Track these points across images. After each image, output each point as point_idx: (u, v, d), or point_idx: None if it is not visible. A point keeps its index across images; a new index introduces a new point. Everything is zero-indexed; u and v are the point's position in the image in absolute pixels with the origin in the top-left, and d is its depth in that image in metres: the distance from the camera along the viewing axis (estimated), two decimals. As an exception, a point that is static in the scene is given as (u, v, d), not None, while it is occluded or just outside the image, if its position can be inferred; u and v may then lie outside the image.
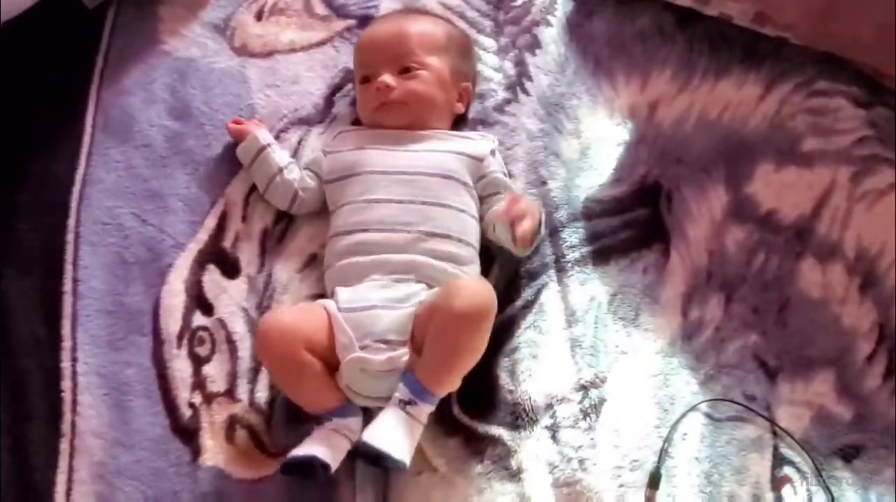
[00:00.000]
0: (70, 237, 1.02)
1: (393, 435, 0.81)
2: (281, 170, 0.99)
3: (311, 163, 1.01)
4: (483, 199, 0.97)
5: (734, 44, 1.10)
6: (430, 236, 0.91)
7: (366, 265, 0.90)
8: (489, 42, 1.13)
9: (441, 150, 0.96)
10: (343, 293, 0.89)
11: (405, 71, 0.97)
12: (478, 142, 1.00)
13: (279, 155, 1.01)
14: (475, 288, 0.85)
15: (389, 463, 0.80)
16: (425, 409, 0.83)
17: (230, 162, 1.05)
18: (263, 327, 0.87)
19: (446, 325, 0.82)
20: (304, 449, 0.83)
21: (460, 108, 1.02)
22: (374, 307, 0.87)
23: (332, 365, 0.87)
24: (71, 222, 1.03)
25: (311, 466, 0.82)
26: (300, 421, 0.91)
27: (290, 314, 0.90)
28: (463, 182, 0.95)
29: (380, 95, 0.97)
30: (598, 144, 1.06)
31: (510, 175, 1.03)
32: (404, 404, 0.82)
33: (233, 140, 1.04)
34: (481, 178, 0.97)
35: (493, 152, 0.99)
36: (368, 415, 0.87)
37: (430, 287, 0.89)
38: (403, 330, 0.86)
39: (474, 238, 0.94)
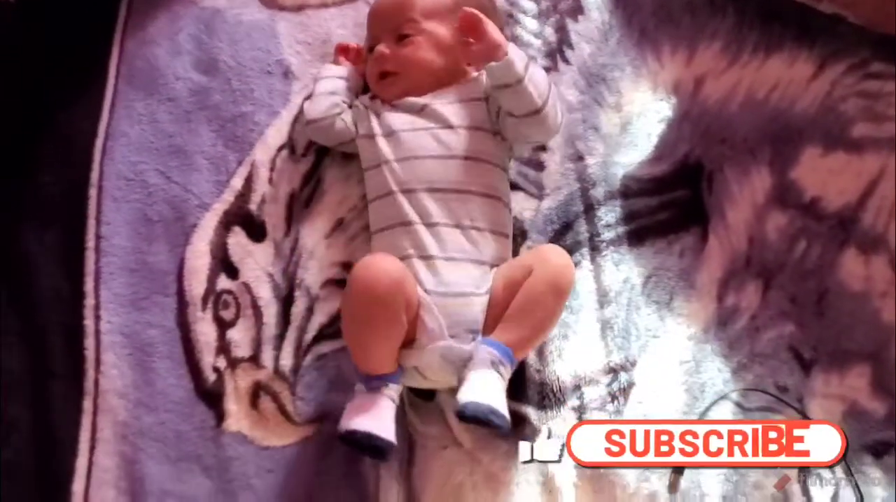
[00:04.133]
0: (93, 192, 0.99)
1: (494, 394, 0.79)
2: (343, 102, 0.97)
3: (354, 108, 0.97)
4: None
5: (788, 19, 1.05)
6: (473, 195, 0.88)
7: (426, 240, 0.86)
8: (529, 5, 1.08)
9: (465, 100, 0.92)
10: (422, 271, 0.85)
11: (402, 38, 0.93)
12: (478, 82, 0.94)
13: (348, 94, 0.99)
14: (565, 259, 0.85)
15: (497, 419, 0.78)
16: (507, 373, 0.82)
17: (257, 121, 1.02)
18: (371, 269, 0.80)
19: (543, 293, 0.82)
20: (362, 424, 0.79)
21: (472, 71, 0.96)
22: (466, 294, 0.84)
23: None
24: (94, 176, 1.00)
25: (372, 441, 0.78)
26: (325, 390, 0.90)
27: (397, 265, 0.82)
28: (487, 130, 0.91)
29: (377, 65, 0.94)
30: (639, 119, 1.02)
31: (545, 147, 1.00)
32: (496, 365, 0.80)
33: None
34: (498, 110, 0.91)
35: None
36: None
37: (493, 265, 0.87)
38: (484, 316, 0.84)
39: (504, 194, 0.92)
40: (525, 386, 0.90)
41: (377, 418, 0.79)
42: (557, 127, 0.91)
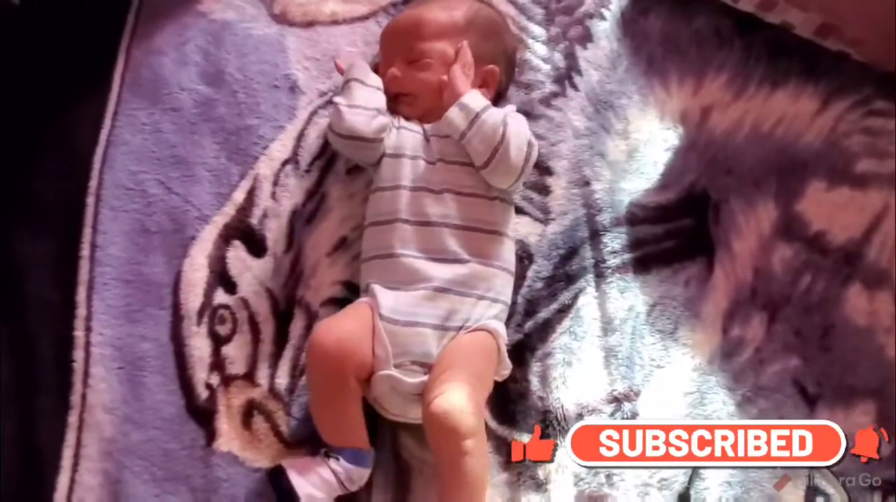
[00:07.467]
0: (90, 200, 0.97)
1: None
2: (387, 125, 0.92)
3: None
4: None
5: (793, 54, 1.06)
6: (463, 229, 0.86)
7: (407, 270, 0.84)
8: (539, 30, 1.08)
9: None
10: (385, 298, 0.83)
11: (415, 61, 0.93)
12: None
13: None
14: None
15: None
16: None
17: (262, 135, 1.01)
18: (318, 340, 0.79)
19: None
20: (298, 481, 0.78)
21: (485, 93, 0.95)
22: (418, 324, 0.82)
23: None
24: (92, 184, 0.98)
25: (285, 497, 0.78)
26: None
27: (345, 327, 0.81)
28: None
29: (391, 87, 0.93)
30: (646, 147, 1.02)
31: (551, 172, 0.99)
32: None
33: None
34: None
35: None
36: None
37: (479, 298, 0.85)
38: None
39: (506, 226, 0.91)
40: (528, 415, 0.88)
41: (307, 480, 0.78)
42: (511, 174, 0.88)
